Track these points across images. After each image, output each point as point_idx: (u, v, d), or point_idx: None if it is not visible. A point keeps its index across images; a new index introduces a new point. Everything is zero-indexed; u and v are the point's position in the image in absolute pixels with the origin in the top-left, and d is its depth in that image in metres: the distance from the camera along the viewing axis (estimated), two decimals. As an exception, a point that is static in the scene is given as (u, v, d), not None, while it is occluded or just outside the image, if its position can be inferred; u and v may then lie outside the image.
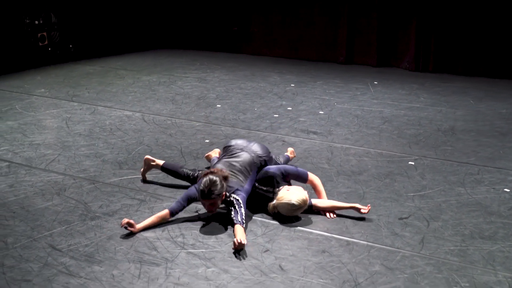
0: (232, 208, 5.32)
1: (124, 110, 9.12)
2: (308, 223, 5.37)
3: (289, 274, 4.53)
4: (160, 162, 6.29)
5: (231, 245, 4.94)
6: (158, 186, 6.18)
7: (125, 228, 5.14)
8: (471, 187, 6.24)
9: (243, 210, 5.28)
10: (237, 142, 6.04)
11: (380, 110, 9.16)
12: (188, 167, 6.28)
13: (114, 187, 6.14)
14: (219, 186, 5.25)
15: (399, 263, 4.69)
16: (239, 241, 4.82)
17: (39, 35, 12.46)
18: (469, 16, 11.94)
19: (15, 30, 12.03)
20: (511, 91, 10.67)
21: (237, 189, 5.47)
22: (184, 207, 5.41)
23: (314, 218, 5.48)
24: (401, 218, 5.49)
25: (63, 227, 5.23)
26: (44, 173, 6.53)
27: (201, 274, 4.51)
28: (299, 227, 5.29)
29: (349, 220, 5.44)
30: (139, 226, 5.22)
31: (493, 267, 4.63)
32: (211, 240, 5.04)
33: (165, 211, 5.34)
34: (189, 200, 5.41)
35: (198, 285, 4.36)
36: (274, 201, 5.51)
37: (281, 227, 5.30)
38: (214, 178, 5.27)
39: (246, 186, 5.61)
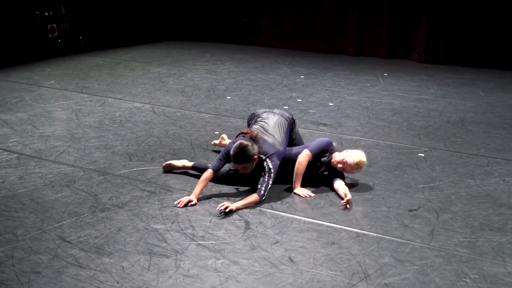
0: (262, 175, 5.61)
1: (134, 102, 9.14)
2: (317, 215, 5.37)
3: (298, 266, 4.53)
4: (189, 164, 6.34)
5: (241, 237, 4.95)
6: (168, 177, 6.19)
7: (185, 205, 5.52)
8: (480, 179, 6.22)
9: (271, 181, 5.58)
10: (260, 110, 6.31)
11: (390, 102, 9.14)
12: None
13: (124, 179, 6.15)
14: (250, 151, 5.53)
15: (409, 255, 4.69)
16: (227, 206, 5.29)
17: (49, 26, 12.48)
18: (479, 7, 11.88)
19: (25, 21, 12.06)
20: (521, 83, 10.63)
21: (272, 154, 5.66)
22: (224, 163, 5.77)
23: (324, 209, 5.48)
24: (410, 210, 5.48)
25: (73, 219, 5.25)
26: (54, 164, 6.55)
27: (210, 266, 4.52)
28: (308, 219, 5.30)
29: (359, 212, 5.44)
30: (195, 196, 5.56)
31: (502, 259, 4.62)
32: (221, 232, 5.05)
33: (209, 172, 5.68)
34: (227, 156, 5.69)
35: (208, 276, 4.37)
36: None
37: (291, 218, 5.31)
38: (245, 142, 5.54)
39: (281, 148, 5.80)
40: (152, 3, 14.57)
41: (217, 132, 7.65)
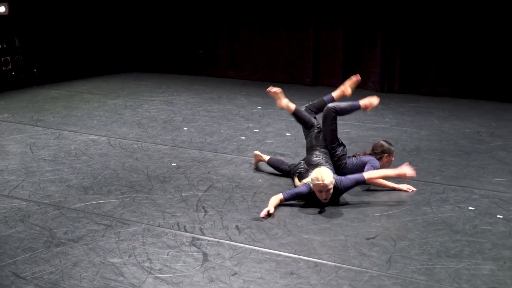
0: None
1: (89, 134, 9.06)
2: (275, 246, 5.36)
3: (257, 297, 4.51)
4: (267, 157, 7.33)
5: (199, 269, 4.90)
6: (125, 210, 6.13)
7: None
8: (436, 206, 6.28)
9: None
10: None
11: (346, 131, 9.20)
12: (289, 163, 7.16)
13: (80, 213, 6.07)
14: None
15: (367, 283, 4.70)
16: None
17: (2, 59, 12.35)
18: (434, 37, 12.09)
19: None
20: (474, 111, 10.82)
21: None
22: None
23: (282, 240, 5.47)
24: (368, 238, 5.50)
25: (27, 255, 5.15)
26: (7, 199, 6.44)
27: (168, 299, 4.47)
28: (266, 249, 5.28)
29: (317, 241, 5.44)
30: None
31: (459, 285, 4.65)
32: (179, 264, 5.00)
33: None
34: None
35: (165, 310, 4.32)
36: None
37: (249, 249, 5.28)
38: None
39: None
40: (107, 35, 14.53)
41: (174, 164, 7.62)
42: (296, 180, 6.64)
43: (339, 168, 6.89)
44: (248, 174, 7.29)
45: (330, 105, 7.02)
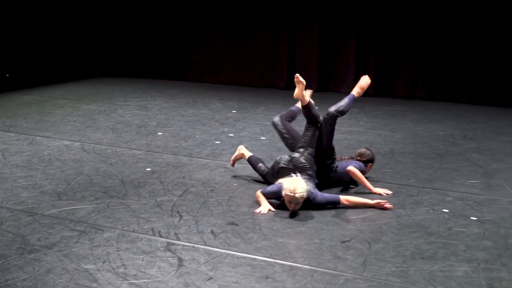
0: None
1: (63, 139, 8.99)
2: (251, 250, 5.35)
3: (232, 301, 4.49)
4: (248, 155, 7.32)
5: (174, 274, 4.88)
6: (99, 216, 6.09)
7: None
8: (411, 208, 6.31)
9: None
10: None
11: (321, 135, 9.22)
12: (265, 164, 7.17)
13: (53, 219, 6.02)
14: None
15: (342, 286, 4.70)
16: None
17: (-25, 65, 12.25)
18: (407, 41, 12.17)
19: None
20: (447, 113, 10.90)
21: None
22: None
23: (258, 244, 5.47)
24: (343, 241, 5.51)
25: (0, 262, 5.10)
26: (-20, 206, 6.37)
27: (143, 304, 4.44)
28: (242, 254, 5.27)
29: (292, 245, 5.45)
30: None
31: (433, 287, 4.67)
32: (154, 270, 4.98)
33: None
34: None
35: (140, 316, 4.29)
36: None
37: (224, 254, 5.27)
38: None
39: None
40: (81, 39, 14.45)
41: (148, 169, 7.59)
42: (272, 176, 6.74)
43: (330, 171, 6.91)
44: (223, 178, 7.28)
45: (331, 110, 6.96)
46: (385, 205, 6.28)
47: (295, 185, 6.04)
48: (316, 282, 4.78)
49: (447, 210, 6.26)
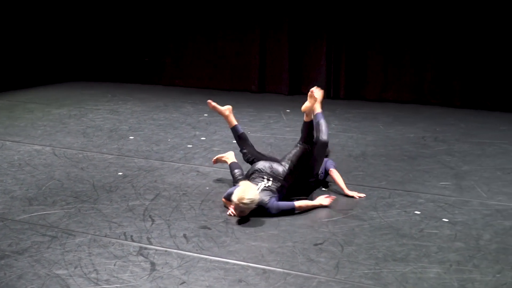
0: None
1: (33, 144, 8.91)
2: (223, 253, 5.34)
3: (205, 305, 4.48)
4: (230, 160, 7.15)
5: (147, 279, 4.85)
6: (70, 221, 6.04)
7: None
8: (383, 210, 6.35)
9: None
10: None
11: (293, 138, 9.23)
12: (242, 171, 6.92)
13: (24, 224, 5.96)
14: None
15: (315, 289, 4.72)
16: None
17: None
18: (377, 43, 12.24)
19: None
20: (418, 116, 10.97)
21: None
22: None
23: (230, 247, 5.46)
24: (316, 244, 5.52)
25: (-30, 268, 5.04)
26: (-51, 212, 6.29)
27: (115, 310, 4.42)
28: (215, 257, 5.26)
29: (265, 248, 5.44)
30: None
31: (406, 289, 4.70)
32: (126, 274, 4.95)
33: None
34: None
35: (113, 321, 4.26)
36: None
37: (197, 258, 5.26)
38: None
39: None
40: (49, 43, 14.33)
41: (120, 173, 7.54)
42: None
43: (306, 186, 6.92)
44: (196, 182, 7.26)
45: (325, 138, 7.02)
46: (329, 198, 6.51)
47: (244, 193, 5.93)
48: (289, 285, 4.78)
49: (419, 212, 6.30)
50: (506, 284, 4.77)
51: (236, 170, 6.96)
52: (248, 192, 5.96)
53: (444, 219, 6.12)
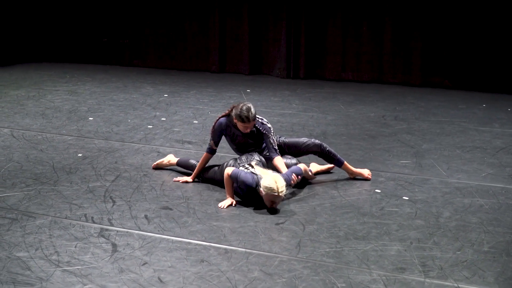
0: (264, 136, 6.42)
1: (-9, 126, 8.79)
2: (185, 234, 5.34)
3: (168, 286, 4.48)
4: (174, 160, 6.96)
5: (108, 260, 4.83)
6: (30, 203, 5.97)
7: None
8: (344, 189, 6.39)
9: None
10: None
11: (253, 118, 9.24)
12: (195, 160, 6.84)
13: (-18, 207, 5.89)
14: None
15: (277, 268, 4.73)
16: (295, 179, 6.05)
17: None
18: (337, 23, 12.28)
19: None
20: (378, 95, 11.06)
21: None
22: (219, 141, 6.56)
23: (192, 228, 5.46)
24: (277, 224, 5.55)
25: None
26: None
27: (77, 292, 4.39)
28: (176, 238, 5.25)
29: (227, 228, 5.45)
30: (191, 178, 6.49)
31: (367, 267, 4.74)
32: (87, 256, 4.91)
33: (204, 154, 6.52)
34: (222, 133, 6.53)
35: (75, 303, 4.24)
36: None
37: (159, 238, 5.24)
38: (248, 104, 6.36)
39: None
40: (8, 24, 14.08)
41: (80, 155, 7.47)
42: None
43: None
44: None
45: (317, 141, 6.79)
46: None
47: (278, 184, 5.75)
48: (251, 264, 4.80)
49: (379, 191, 6.36)
50: (467, 261, 4.85)
51: (191, 160, 6.85)
52: (279, 181, 5.78)
53: (404, 197, 6.19)
